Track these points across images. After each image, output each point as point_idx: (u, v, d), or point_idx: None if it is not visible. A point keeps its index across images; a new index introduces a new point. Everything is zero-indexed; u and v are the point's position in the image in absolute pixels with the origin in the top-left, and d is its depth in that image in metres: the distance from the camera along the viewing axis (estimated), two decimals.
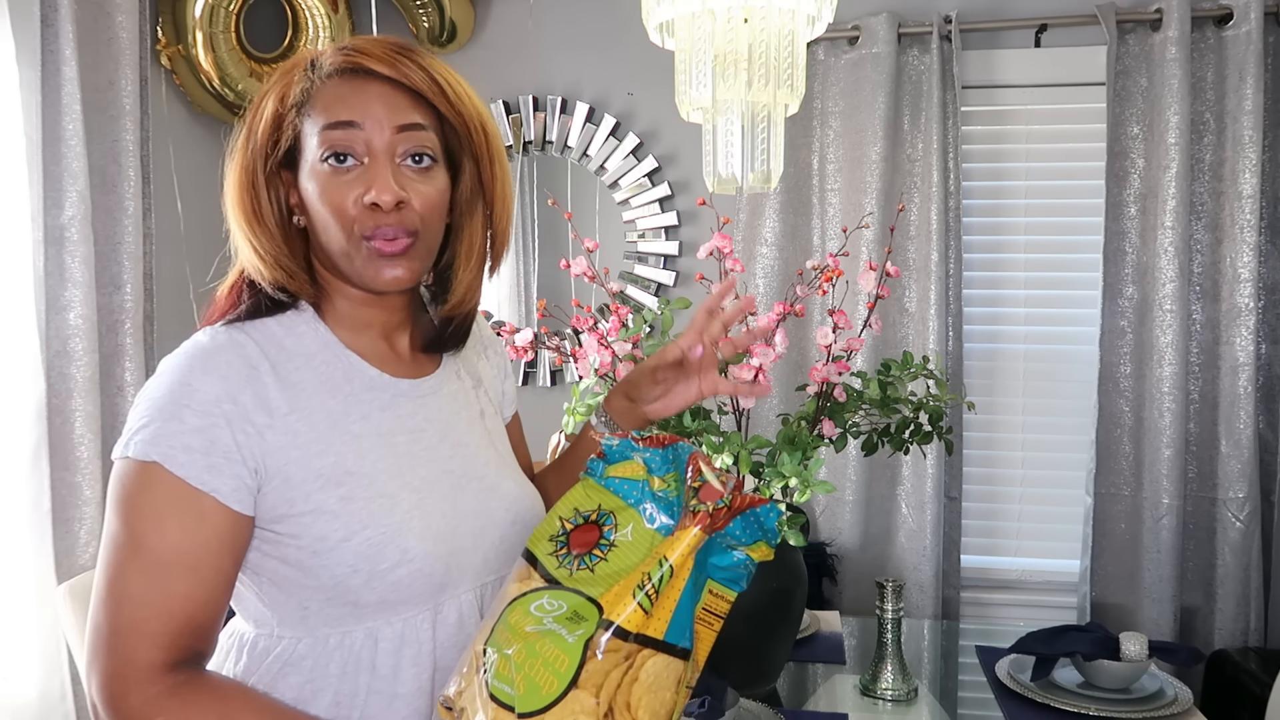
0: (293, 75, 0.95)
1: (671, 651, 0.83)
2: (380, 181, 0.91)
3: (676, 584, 0.85)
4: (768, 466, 1.43)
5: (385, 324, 1.03)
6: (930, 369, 1.57)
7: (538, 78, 2.77)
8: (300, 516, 0.90)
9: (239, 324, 0.96)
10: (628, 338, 1.51)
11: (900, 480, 2.58)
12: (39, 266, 1.83)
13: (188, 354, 0.92)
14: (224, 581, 0.90)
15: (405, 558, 0.93)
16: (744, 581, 0.90)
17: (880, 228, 2.50)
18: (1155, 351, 2.45)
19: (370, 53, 0.93)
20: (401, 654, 0.95)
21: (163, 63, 2.33)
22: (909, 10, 2.53)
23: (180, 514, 0.87)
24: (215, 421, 0.88)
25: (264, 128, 0.94)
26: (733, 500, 0.88)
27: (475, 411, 1.09)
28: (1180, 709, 1.53)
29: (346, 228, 0.92)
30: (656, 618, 0.83)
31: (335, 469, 0.92)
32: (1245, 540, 2.42)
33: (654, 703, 0.82)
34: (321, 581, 0.91)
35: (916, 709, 1.58)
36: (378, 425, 0.97)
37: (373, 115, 0.92)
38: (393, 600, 0.93)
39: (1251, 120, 2.36)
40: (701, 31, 1.56)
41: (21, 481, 1.81)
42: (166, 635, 0.86)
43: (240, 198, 0.95)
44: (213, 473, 0.87)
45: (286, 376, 0.93)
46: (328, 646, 0.94)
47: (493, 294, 2.83)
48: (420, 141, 0.94)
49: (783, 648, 1.57)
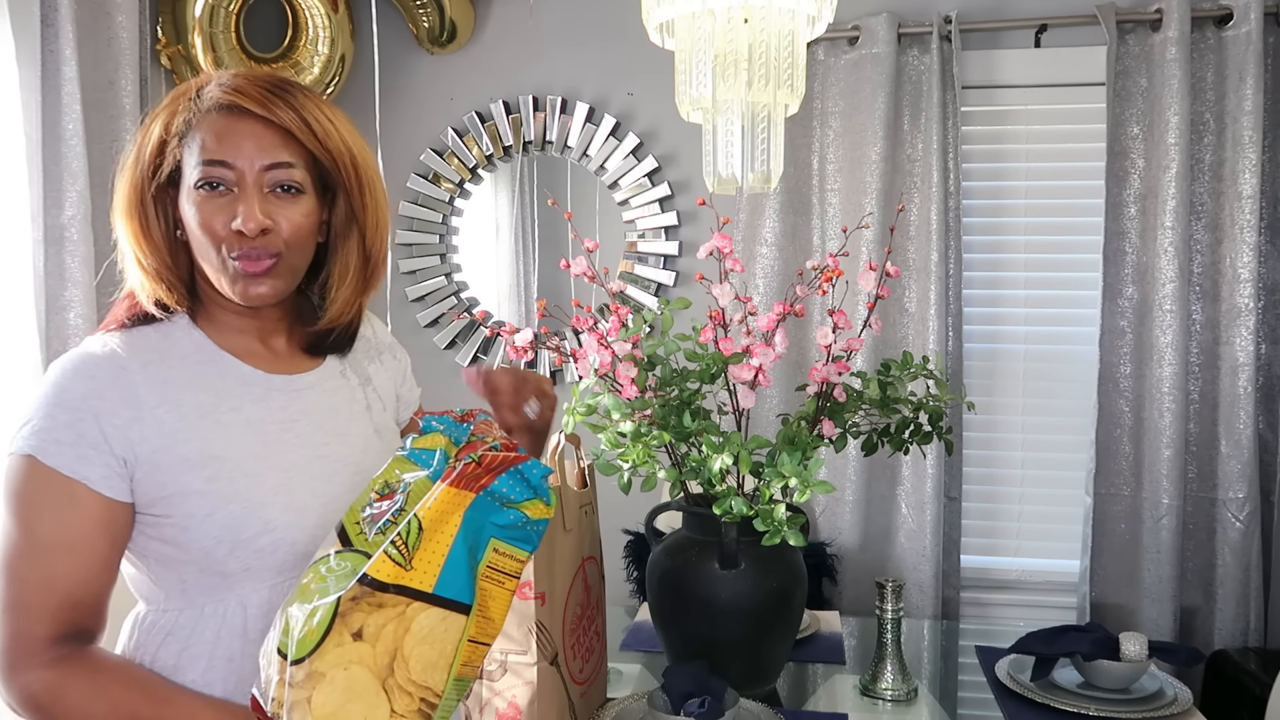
0: (178, 104, 1.04)
1: (447, 605, 0.89)
2: (246, 211, 1.00)
3: (438, 538, 0.90)
4: (767, 466, 1.43)
5: (260, 329, 1.12)
6: (930, 369, 1.57)
7: (538, 78, 2.77)
8: (170, 498, 1.00)
9: (118, 331, 1.06)
10: (627, 338, 1.51)
11: (900, 480, 2.58)
12: (39, 266, 1.83)
13: (68, 359, 1.03)
14: (101, 562, 0.99)
15: (266, 528, 1.02)
16: (534, 541, 0.96)
17: (880, 228, 2.50)
18: (1155, 351, 2.45)
19: (246, 92, 1.02)
20: (270, 618, 1.02)
21: (163, 63, 2.33)
22: (909, 10, 2.53)
23: (55, 500, 0.97)
24: (82, 417, 0.98)
25: (150, 151, 1.04)
26: (483, 457, 0.94)
27: (361, 406, 1.19)
28: (1180, 709, 1.53)
29: (216, 247, 1.02)
30: (420, 571, 0.89)
31: (201, 454, 1.02)
32: (1245, 540, 2.42)
33: (427, 654, 0.87)
34: (193, 554, 1.02)
35: (916, 709, 1.58)
36: (248, 415, 1.07)
37: (244, 154, 1.01)
38: (258, 568, 1.03)
39: (1251, 120, 2.36)
40: (701, 31, 1.56)
41: None
42: (48, 610, 0.96)
43: (129, 213, 1.05)
44: (82, 462, 0.97)
45: (156, 374, 1.03)
46: (203, 615, 1.04)
47: (493, 294, 2.84)
48: (287, 177, 1.03)
49: (782, 648, 1.57)
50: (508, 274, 2.82)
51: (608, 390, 1.50)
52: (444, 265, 2.84)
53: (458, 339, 2.86)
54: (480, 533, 0.92)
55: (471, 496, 0.92)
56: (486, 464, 0.94)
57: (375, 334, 1.29)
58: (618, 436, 1.48)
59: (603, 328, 1.51)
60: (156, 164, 1.04)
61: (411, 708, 0.87)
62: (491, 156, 2.79)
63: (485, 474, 0.93)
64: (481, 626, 0.92)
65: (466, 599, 0.90)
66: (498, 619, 0.94)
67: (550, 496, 0.97)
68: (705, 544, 1.47)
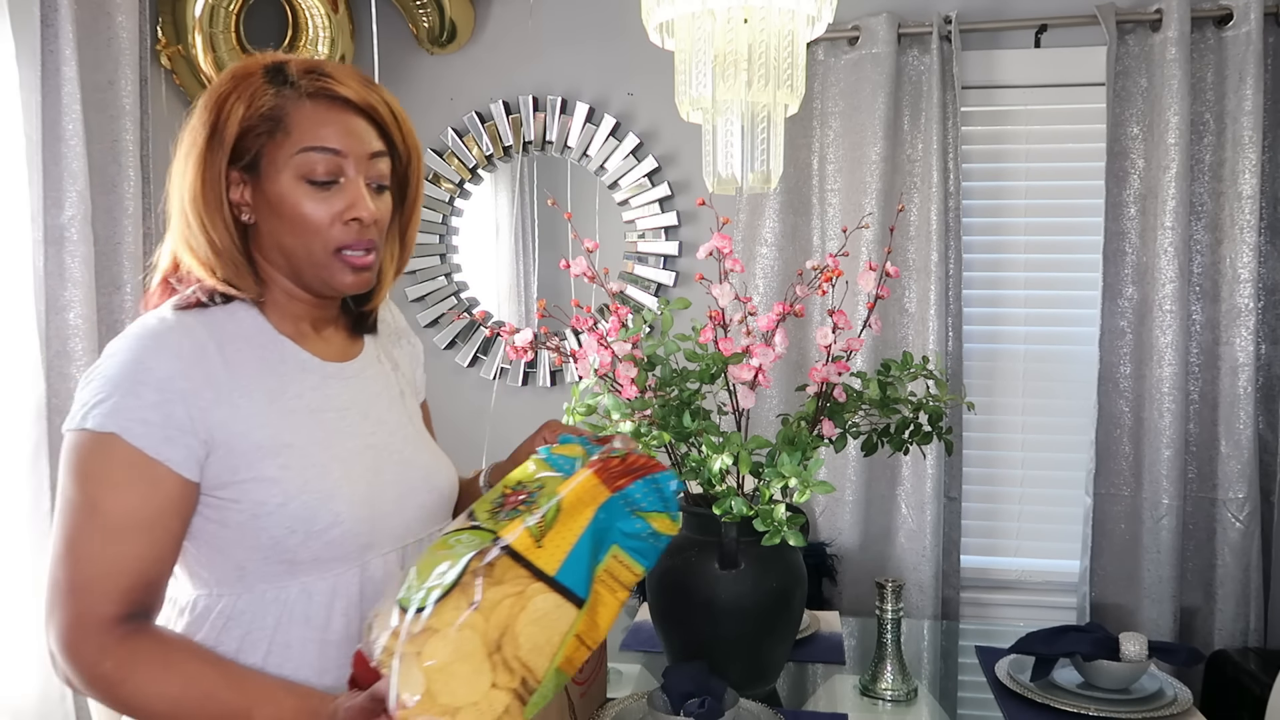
0: (254, 83, 1.03)
1: (564, 594, 0.89)
2: (361, 202, 1.04)
3: (570, 525, 0.91)
4: (767, 466, 1.43)
5: (318, 317, 1.13)
6: (930, 369, 1.57)
7: (538, 78, 2.77)
8: (243, 483, 1.00)
9: (187, 310, 1.05)
10: (627, 338, 1.51)
11: (900, 480, 2.58)
12: (39, 266, 1.83)
13: (139, 336, 1.01)
14: (173, 542, 1.00)
15: (336, 520, 1.03)
16: (651, 557, 0.96)
17: (880, 228, 2.50)
18: (1155, 352, 2.45)
19: (345, 82, 1.04)
20: (333, 606, 1.05)
21: (163, 63, 2.33)
22: (909, 10, 2.53)
23: (136, 481, 0.96)
24: (170, 398, 0.97)
25: (233, 132, 1.02)
26: (627, 456, 0.96)
27: (395, 392, 1.21)
28: (1180, 709, 1.53)
29: (321, 240, 1.04)
30: (548, 551, 0.89)
31: (274, 441, 1.02)
32: (1245, 540, 2.42)
33: (537, 636, 0.88)
34: (260, 541, 1.02)
35: (916, 709, 1.58)
36: (310, 403, 1.08)
37: (351, 143, 1.04)
38: (325, 558, 1.04)
39: (1251, 121, 2.36)
40: (701, 31, 1.56)
41: (21, 481, 1.81)
42: (119, 591, 0.96)
43: (206, 196, 1.03)
44: (168, 444, 0.97)
45: (230, 357, 1.03)
46: (264, 600, 1.04)
47: (493, 294, 2.84)
48: (382, 169, 1.07)
49: (782, 648, 1.57)
50: (508, 274, 2.82)
51: (608, 390, 1.50)
52: (444, 265, 2.84)
53: (458, 339, 2.86)
54: (606, 534, 0.93)
55: (607, 495, 0.93)
56: (629, 463, 0.96)
57: (394, 317, 1.30)
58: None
59: (603, 328, 1.51)
60: (237, 146, 1.03)
61: (511, 684, 0.86)
62: (491, 157, 2.79)
63: (626, 474, 0.95)
64: (588, 626, 0.92)
65: (582, 593, 0.91)
66: (603, 625, 0.94)
67: (679, 514, 0.97)
68: (705, 544, 1.47)
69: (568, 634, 0.90)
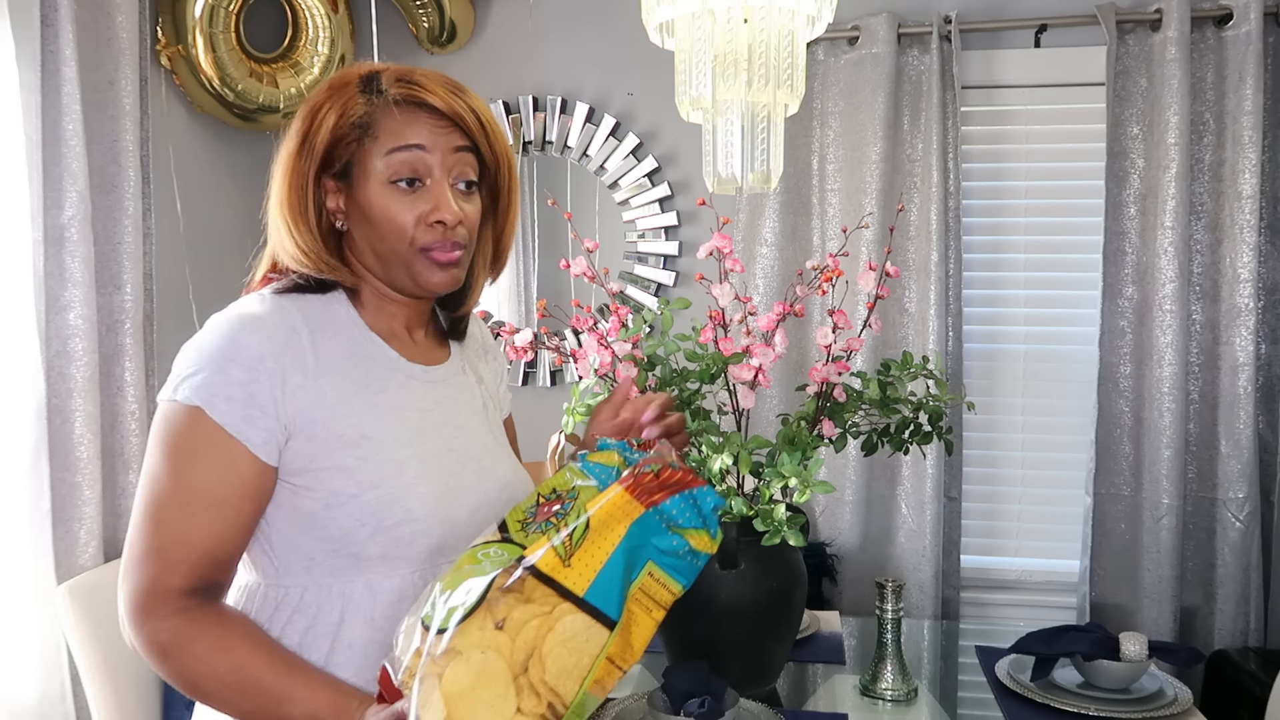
0: (348, 93, 1.06)
1: (594, 615, 0.86)
2: (445, 204, 1.05)
3: (600, 544, 0.88)
4: (767, 466, 1.43)
5: (409, 319, 1.14)
6: (930, 369, 1.57)
7: (538, 78, 2.77)
8: (319, 471, 1.01)
9: (285, 294, 1.07)
10: (627, 338, 1.51)
11: (900, 480, 2.58)
12: (39, 266, 1.83)
13: (238, 314, 1.03)
14: (244, 523, 1.00)
15: (409, 517, 1.02)
16: (689, 575, 0.93)
17: (880, 228, 2.50)
18: (1155, 351, 2.45)
19: (429, 88, 1.05)
20: (399, 607, 1.02)
21: (163, 63, 2.33)
22: (909, 10, 2.53)
23: (213, 456, 0.97)
24: (257, 377, 0.98)
25: (324, 141, 1.05)
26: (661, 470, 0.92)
27: (478, 403, 1.20)
28: (1180, 709, 1.53)
29: (407, 240, 1.05)
30: (576, 571, 0.86)
31: (354, 432, 1.02)
32: (1245, 540, 2.42)
33: (565, 658, 0.84)
34: (329, 532, 1.01)
35: (916, 709, 1.58)
36: (393, 399, 1.08)
37: (433, 139, 1.05)
38: (393, 556, 1.03)
39: (1251, 120, 2.36)
40: (701, 31, 1.56)
41: (21, 481, 1.81)
42: (187, 563, 0.97)
43: (291, 201, 1.06)
44: (248, 423, 0.98)
45: (321, 344, 1.04)
46: (330, 595, 1.03)
47: (493, 294, 2.84)
48: (470, 165, 1.08)
49: (783, 648, 1.57)
50: (508, 274, 2.81)
51: (608, 390, 1.50)
52: None
53: None
54: (640, 551, 0.90)
55: (641, 510, 0.90)
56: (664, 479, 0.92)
57: (482, 333, 1.30)
58: None
59: (603, 328, 1.51)
60: (329, 155, 1.05)
61: (538, 710, 0.83)
62: None
63: (659, 490, 0.91)
64: (620, 648, 0.89)
65: (614, 614, 0.87)
66: (637, 646, 0.90)
67: (718, 530, 0.94)
68: None
69: (598, 656, 0.86)
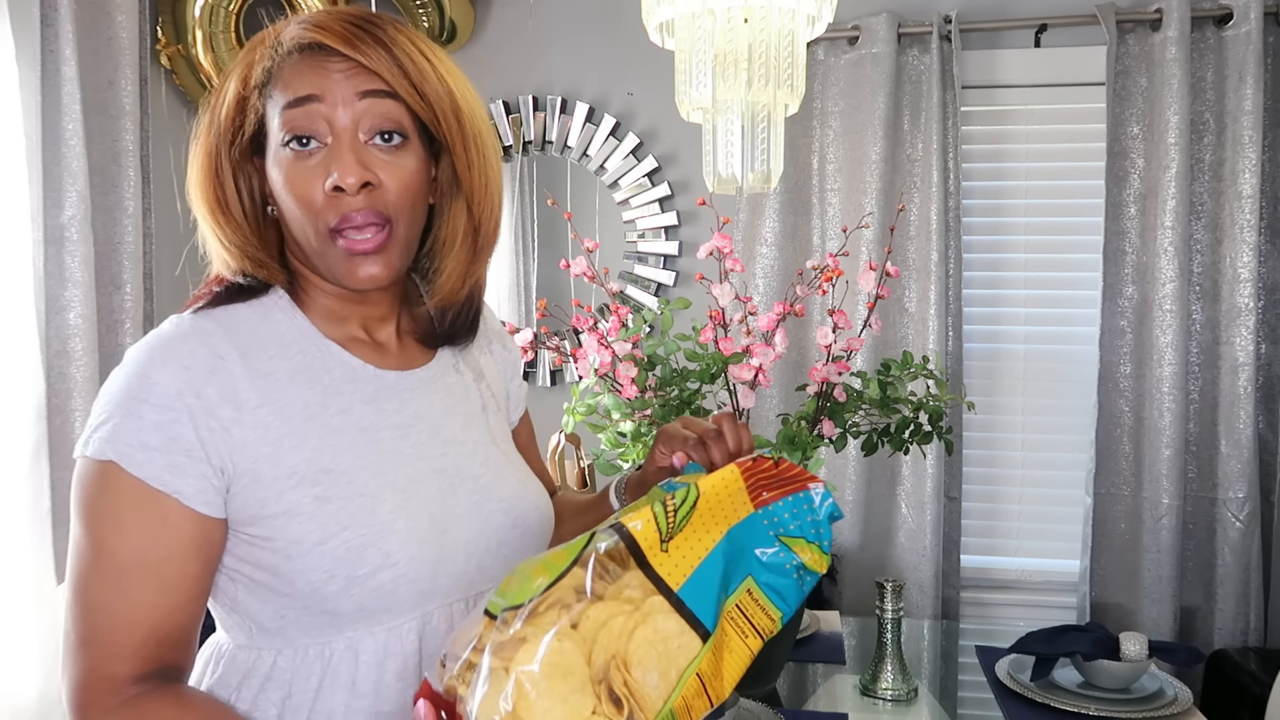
0: (254, 54, 0.88)
1: (688, 619, 0.72)
2: (343, 162, 0.83)
3: (701, 535, 0.75)
4: None
5: (365, 316, 0.96)
6: (930, 369, 1.57)
7: (538, 77, 2.77)
8: (273, 518, 0.84)
9: (207, 310, 0.89)
10: (627, 338, 1.51)
11: (900, 480, 2.58)
12: (39, 266, 1.83)
13: (149, 344, 0.85)
14: (192, 588, 0.84)
15: (387, 561, 0.85)
16: (792, 599, 0.78)
17: (880, 228, 2.50)
18: (1155, 351, 2.45)
19: (328, 28, 0.85)
20: (385, 667, 0.88)
21: (163, 63, 2.33)
22: (909, 10, 2.53)
23: (141, 517, 0.81)
24: (176, 417, 0.81)
25: (227, 111, 0.88)
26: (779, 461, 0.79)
27: (476, 406, 1.01)
28: (1180, 709, 1.53)
29: (314, 219, 0.85)
30: (673, 559, 0.73)
31: (310, 466, 0.85)
32: (1245, 540, 2.42)
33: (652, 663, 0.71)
34: (297, 588, 0.84)
35: (916, 709, 1.58)
36: (359, 419, 0.90)
37: (328, 84, 0.84)
38: (374, 608, 0.86)
39: (1251, 120, 2.36)
40: (701, 31, 1.56)
41: (21, 481, 1.81)
42: (130, 646, 0.81)
43: (204, 185, 0.89)
44: (174, 472, 0.81)
45: (257, 366, 0.86)
46: (307, 658, 0.87)
47: (493, 294, 2.84)
48: (386, 113, 0.85)
49: (783, 648, 1.57)
50: (508, 274, 2.82)
51: (608, 390, 1.50)
52: None
53: None
54: (739, 560, 0.77)
55: (749, 510, 0.77)
56: (782, 471, 0.79)
57: (485, 319, 1.07)
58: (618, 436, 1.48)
59: (603, 328, 1.51)
60: (236, 125, 0.88)
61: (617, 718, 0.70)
62: None
63: (776, 485, 0.78)
64: (711, 670, 0.74)
65: (709, 623, 0.73)
66: (728, 677, 0.75)
67: (830, 547, 0.80)
68: None
69: (688, 670, 0.72)
